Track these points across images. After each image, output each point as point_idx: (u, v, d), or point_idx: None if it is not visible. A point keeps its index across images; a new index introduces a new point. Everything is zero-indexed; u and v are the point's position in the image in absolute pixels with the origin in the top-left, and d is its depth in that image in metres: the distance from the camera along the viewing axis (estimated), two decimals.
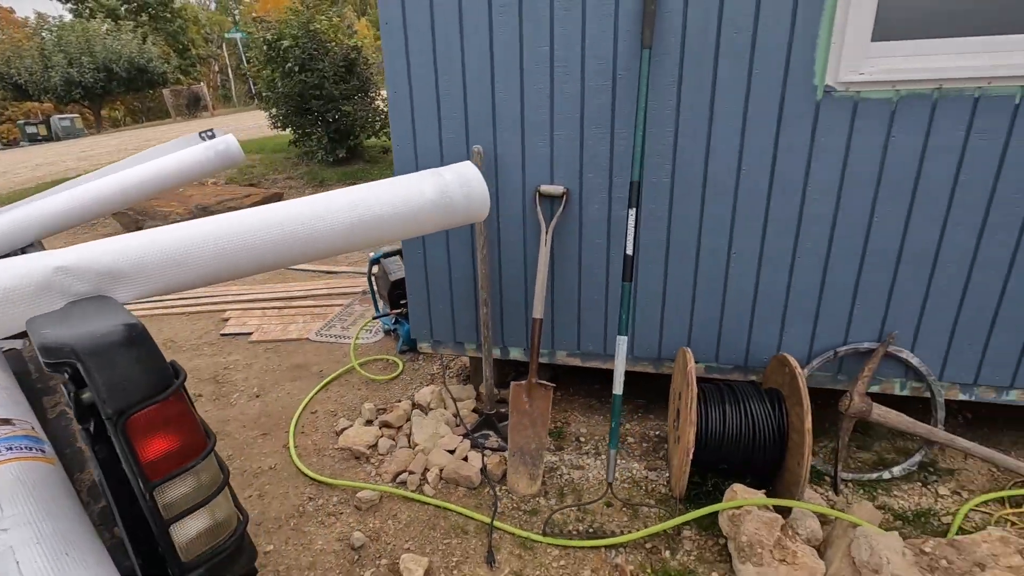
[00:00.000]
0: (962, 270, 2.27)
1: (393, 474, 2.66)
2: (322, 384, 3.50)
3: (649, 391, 3.13)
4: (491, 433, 2.86)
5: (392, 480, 2.65)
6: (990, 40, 2.06)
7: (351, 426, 3.03)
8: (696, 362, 2.70)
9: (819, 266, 2.40)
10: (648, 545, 2.22)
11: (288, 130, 9.67)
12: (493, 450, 2.75)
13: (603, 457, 2.72)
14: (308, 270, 5.76)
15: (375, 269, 4.00)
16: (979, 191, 2.16)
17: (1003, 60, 2.03)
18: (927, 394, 2.47)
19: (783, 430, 2.24)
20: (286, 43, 8.31)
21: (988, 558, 1.82)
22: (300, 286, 5.23)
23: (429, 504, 2.48)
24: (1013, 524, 2.22)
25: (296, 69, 8.39)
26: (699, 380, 2.58)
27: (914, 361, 2.42)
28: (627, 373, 2.40)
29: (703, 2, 2.16)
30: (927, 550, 1.89)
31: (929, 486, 2.47)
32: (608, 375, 2.45)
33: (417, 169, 2.66)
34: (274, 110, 9.22)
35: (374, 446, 2.87)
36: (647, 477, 2.59)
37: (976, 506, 2.33)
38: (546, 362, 2.92)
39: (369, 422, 3.07)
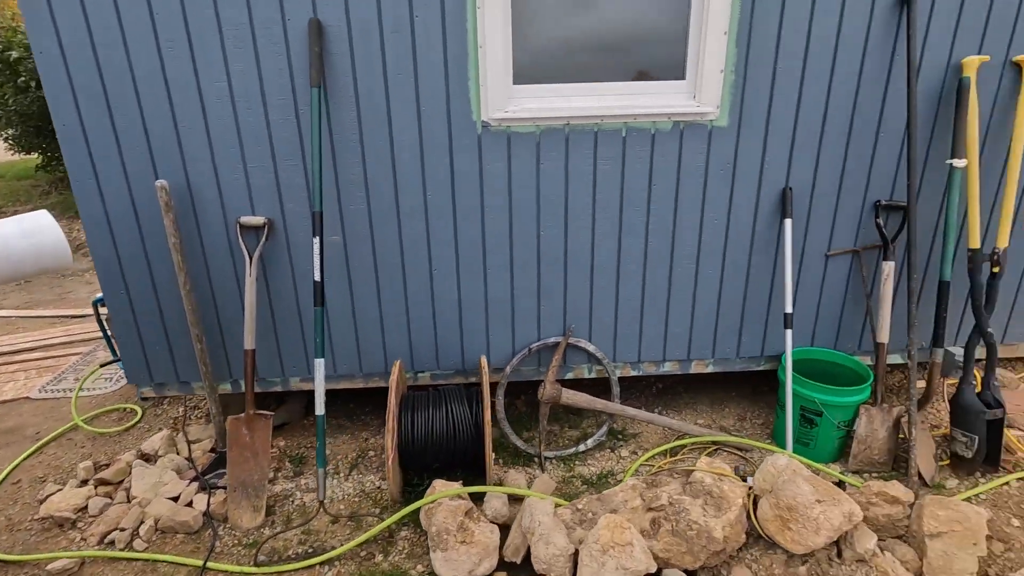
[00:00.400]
0: (611, 270, 2.77)
1: (101, 535, 2.45)
2: (33, 448, 3.09)
3: None
4: (226, 471, 2.77)
5: (99, 542, 2.44)
6: (601, 86, 2.55)
7: (60, 491, 2.73)
8: (421, 371, 2.92)
9: (507, 275, 2.75)
10: (363, 553, 2.34)
11: (35, 154, 8.32)
12: (226, 488, 2.67)
13: (341, 475, 2.80)
14: (46, 316, 5.02)
15: (104, 310, 3.63)
16: (612, 206, 2.66)
17: (611, 103, 2.53)
18: (607, 374, 2.96)
19: (479, 425, 2.53)
20: (15, 54, 7.15)
21: (621, 504, 2.24)
22: (29, 336, 4.53)
23: (138, 559, 2.34)
24: (660, 471, 2.74)
25: (32, 84, 7.25)
26: (419, 388, 2.80)
27: (591, 348, 2.88)
28: (367, 389, 2.49)
29: (366, 48, 2.36)
30: (580, 507, 2.27)
31: (615, 451, 2.96)
32: (367, 393, 2.52)
33: (104, 206, 2.51)
34: (9, 131, 7.86)
35: (84, 508, 2.61)
36: (379, 488, 2.72)
37: (645, 461, 2.84)
38: (280, 390, 2.93)
39: (84, 482, 2.78)
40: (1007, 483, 2.61)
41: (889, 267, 2.71)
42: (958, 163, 2.51)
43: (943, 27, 2.47)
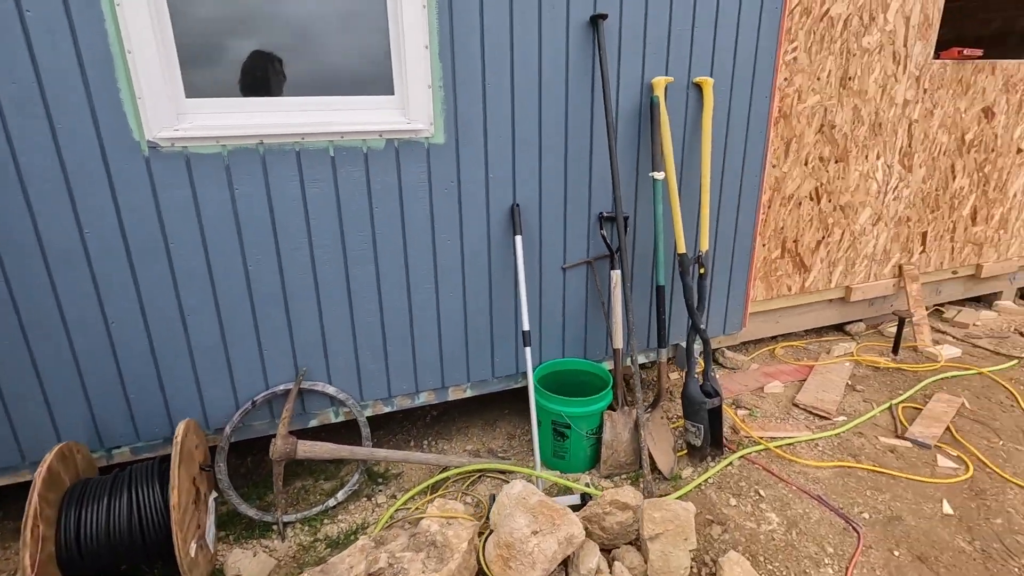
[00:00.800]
0: (342, 302, 2.51)
1: None
2: None
3: None
4: None
5: None
6: (300, 100, 2.29)
7: None
8: (116, 447, 2.37)
9: (214, 319, 2.34)
10: None
11: None
12: None
13: None
14: None
15: None
16: (330, 232, 2.40)
17: (311, 119, 2.27)
18: (355, 416, 2.68)
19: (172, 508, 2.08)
20: None
21: (346, 572, 1.97)
22: None
23: None
24: (392, 524, 2.54)
25: None
26: (115, 467, 2.26)
27: (331, 391, 2.58)
28: None
29: None
30: None
31: (372, 498, 2.68)
32: None
33: None
34: None
35: None
36: None
37: (402, 506, 2.61)
38: None
39: None
40: (730, 463, 2.86)
41: (616, 275, 2.83)
42: (657, 175, 2.69)
43: (633, 49, 2.64)
